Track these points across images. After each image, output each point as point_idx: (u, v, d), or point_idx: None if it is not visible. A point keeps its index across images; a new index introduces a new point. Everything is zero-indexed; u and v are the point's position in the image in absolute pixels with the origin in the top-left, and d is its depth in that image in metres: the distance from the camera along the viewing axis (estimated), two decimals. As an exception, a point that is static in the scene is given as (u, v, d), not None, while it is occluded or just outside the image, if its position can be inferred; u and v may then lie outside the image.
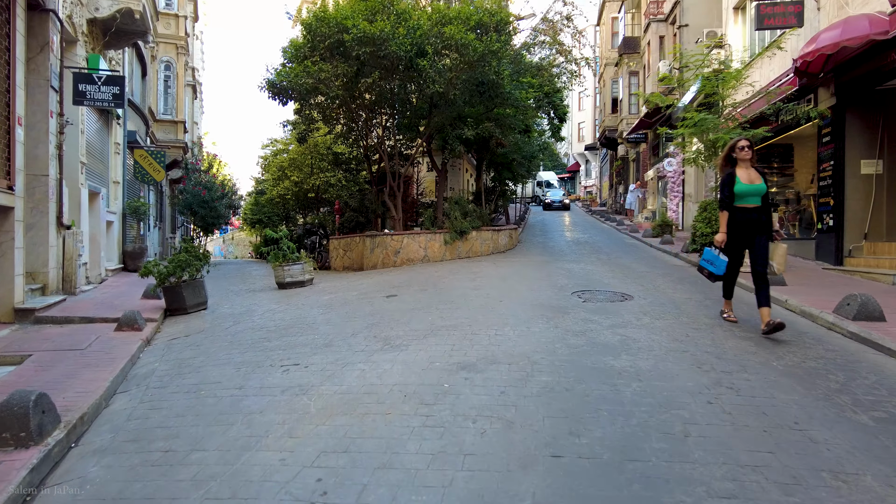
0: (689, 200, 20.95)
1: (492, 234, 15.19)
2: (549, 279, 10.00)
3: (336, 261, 18.16)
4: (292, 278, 11.01)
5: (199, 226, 25.71)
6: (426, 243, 14.32)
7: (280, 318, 7.90)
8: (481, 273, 11.06)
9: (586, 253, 14.80)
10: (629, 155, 29.82)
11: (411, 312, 7.52)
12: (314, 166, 23.03)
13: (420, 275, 11.50)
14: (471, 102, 13.76)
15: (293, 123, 19.10)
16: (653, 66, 23.48)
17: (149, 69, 20.97)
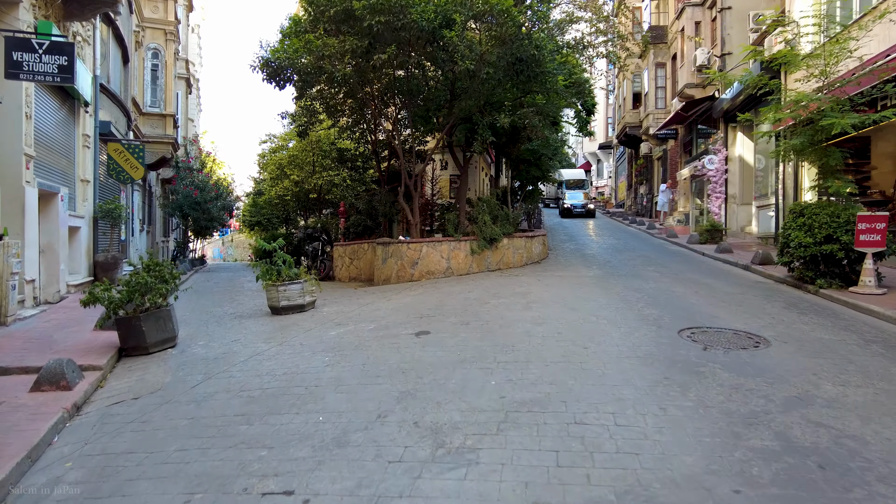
0: (734, 202, 18.50)
1: (525, 242, 12.75)
2: (628, 305, 7.54)
3: (341, 270, 15.70)
4: (289, 301, 8.56)
5: (191, 229, 23.25)
6: (449, 253, 11.87)
7: (269, 372, 5.43)
8: (531, 294, 8.59)
9: (639, 264, 12.33)
10: (654, 153, 27.38)
11: (460, 367, 5.05)
12: (316, 164, 20.56)
13: (450, 295, 9.04)
14: (503, 84, 11.31)
15: (293, 116, 16.63)
16: (687, 55, 21.05)
17: (133, 56, 18.49)
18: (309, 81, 12.77)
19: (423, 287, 10.40)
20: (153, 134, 20.19)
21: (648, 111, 25.80)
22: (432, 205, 16.31)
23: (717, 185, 18.83)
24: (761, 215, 16.42)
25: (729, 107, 17.82)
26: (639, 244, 17.36)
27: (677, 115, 20.62)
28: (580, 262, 12.87)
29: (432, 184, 16.79)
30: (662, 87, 25.47)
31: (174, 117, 20.71)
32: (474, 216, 12.21)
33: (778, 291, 8.70)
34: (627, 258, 13.58)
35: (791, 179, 14.17)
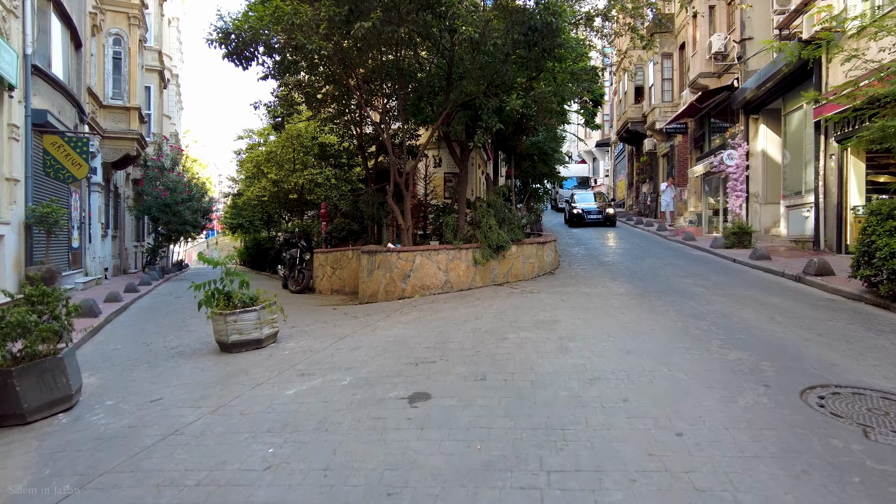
0: (756, 201, 16.54)
1: (536, 250, 10.66)
2: (699, 343, 5.44)
3: (322, 281, 13.54)
4: (240, 336, 6.41)
5: (162, 234, 20.97)
6: (447, 264, 9.76)
7: (177, 478, 3.29)
8: (560, 323, 6.47)
9: (672, 275, 10.29)
10: (658, 149, 25.40)
11: (485, 485, 2.95)
12: (297, 161, 18.36)
13: (453, 324, 6.92)
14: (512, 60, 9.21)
15: (269, 108, 14.44)
16: (700, 41, 19.07)
17: (88, 41, 16.21)
18: (283, 63, 10.61)
19: (418, 308, 8.26)
20: (116, 129, 17.90)
21: (654, 105, 23.82)
22: (425, 206, 14.19)
23: (737, 183, 16.85)
24: (792, 216, 14.45)
25: (752, 96, 15.84)
26: (656, 249, 15.33)
27: (691, 106, 18.62)
28: (602, 273, 10.80)
29: (425, 182, 14.67)
30: (669, 79, 23.50)
31: (140, 111, 18.39)
32: (477, 220, 10.10)
33: (872, 316, 6.66)
34: (653, 267, 11.53)
35: (834, 175, 12.20)
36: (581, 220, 22.65)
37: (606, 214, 22.51)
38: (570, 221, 23.19)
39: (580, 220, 22.67)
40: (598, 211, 22.59)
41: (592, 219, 22.58)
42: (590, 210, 22.65)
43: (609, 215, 22.51)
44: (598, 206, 22.94)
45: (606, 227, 22.50)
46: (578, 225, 22.68)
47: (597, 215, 22.54)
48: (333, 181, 18.19)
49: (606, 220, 22.52)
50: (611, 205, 24.04)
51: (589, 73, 12.77)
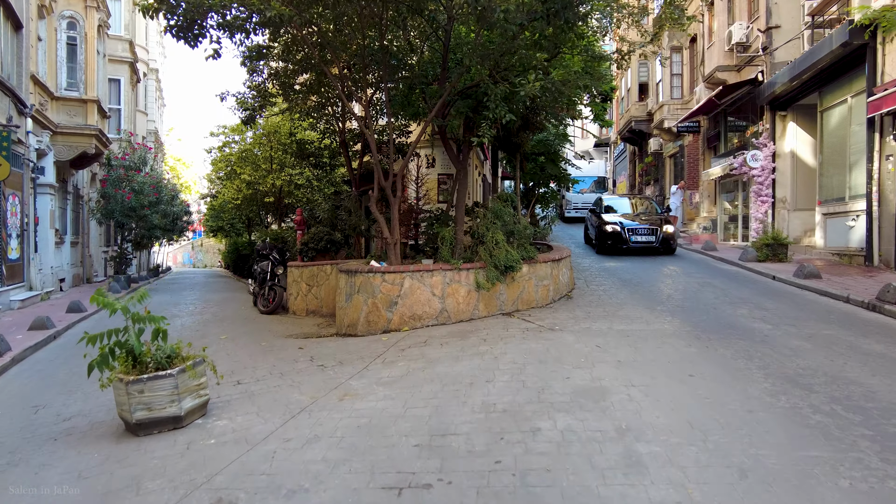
0: (784, 207, 14.63)
1: (551, 269, 8.63)
2: (840, 444, 3.45)
3: (297, 299, 11.46)
4: (149, 412, 4.34)
5: (129, 240, 18.77)
6: (444, 288, 7.72)
7: None
8: (613, 396, 4.40)
9: (716, 300, 8.31)
10: (665, 150, 23.48)
11: None
12: (273, 160, 16.25)
13: (453, 390, 4.87)
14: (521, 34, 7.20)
15: (239, 100, 12.34)
16: (717, 32, 17.15)
17: (33, 23, 14.02)
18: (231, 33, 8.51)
19: (406, 356, 6.18)
20: (70, 123, 15.70)
21: (662, 102, 21.87)
22: (417, 212, 12.15)
23: (762, 187, 14.93)
24: (832, 225, 12.53)
25: (783, 91, 13.91)
26: (678, 260, 13.36)
27: (709, 102, 16.68)
28: (630, 298, 8.79)
29: (417, 185, 12.62)
30: (679, 75, 21.58)
31: (98, 104, 16.19)
32: (479, 232, 8.06)
33: None
34: (687, 288, 9.56)
35: (893, 179, 10.28)
36: (620, 242, 14.16)
37: (662, 236, 13.98)
38: (600, 244, 14.58)
39: (619, 242, 14.16)
40: (649, 229, 14.12)
41: (640, 243, 14.08)
42: (635, 228, 14.21)
43: (667, 237, 13.99)
44: (647, 223, 14.41)
45: (661, 254, 14.12)
46: (615, 251, 14.35)
47: (646, 236, 14.06)
48: (316, 183, 16.11)
49: (662, 245, 13.99)
50: (666, 219, 15.06)
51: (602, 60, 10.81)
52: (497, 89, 6.99)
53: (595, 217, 15.68)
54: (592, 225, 15.78)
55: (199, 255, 47.13)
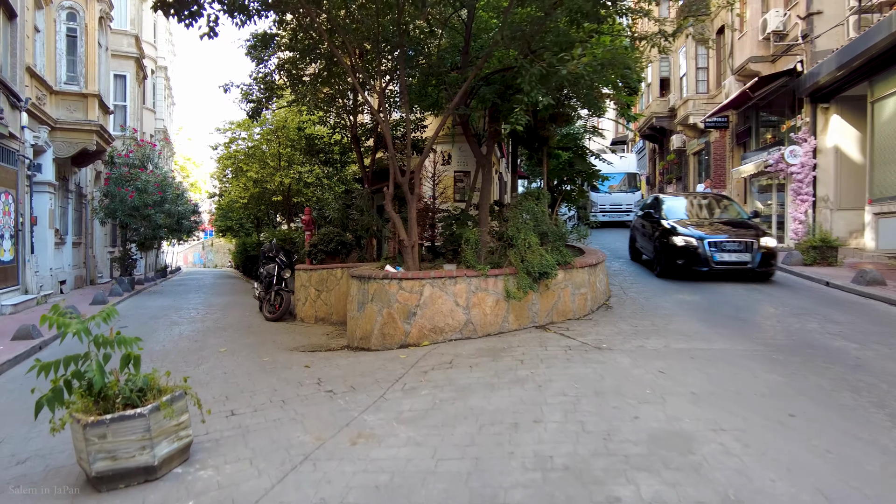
0: (826, 206, 13.49)
1: (588, 276, 7.61)
2: None
3: (305, 305, 10.53)
4: (114, 462, 3.41)
5: (133, 240, 17.95)
6: (469, 297, 6.74)
7: None
8: (695, 444, 3.43)
9: (782, 312, 7.25)
10: (688, 147, 22.33)
11: None
12: (282, 157, 15.34)
13: (493, 434, 3.89)
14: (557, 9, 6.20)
15: (244, 92, 11.43)
16: (750, 21, 16.02)
17: (29, 12, 13.20)
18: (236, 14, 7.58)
19: (430, 379, 5.20)
20: (70, 119, 14.89)
21: (686, 97, 20.74)
22: (433, 211, 11.17)
23: (802, 185, 13.80)
24: (885, 226, 11.39)
25: (827, 81, 12.78)
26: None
27: (742, 95, 15.54)
28: (676, 306, 7.76)
29: (433, 182, 11.65)
30: (704, 68, 20.45)
31: (100, 98, 15.36)
32: (508, 234, 7.07)
33: None
34: (734, 293, 8.51)
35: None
36: (697, 263, 9.68)
37: (764, 251, 9.62)
38: (666, 264, 10.12)
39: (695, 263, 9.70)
40: (741, 244, 9.66)
41: (729, 263, 9.64)
42: (721, 242, 9.69)
43: (766, 253, 9.63)
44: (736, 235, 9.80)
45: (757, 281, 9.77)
46: (688, 274, 9.94)
47: (738, 253, 9.63)
48: (325, 181, 15.18)
49: (761, 267, 9.64)
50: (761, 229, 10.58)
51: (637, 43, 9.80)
52: (533, 69, 5.98)
53: (652, 225, 11.08)
54: (647, 235, 11.43)
55: (209, 254, 46.44)
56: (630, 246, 13.25)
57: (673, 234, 10.11)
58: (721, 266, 9.60)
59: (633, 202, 20.72)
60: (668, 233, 10.27)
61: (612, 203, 21.21)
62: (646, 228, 11.72)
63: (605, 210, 20.78)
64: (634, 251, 12.89)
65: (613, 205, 21.17)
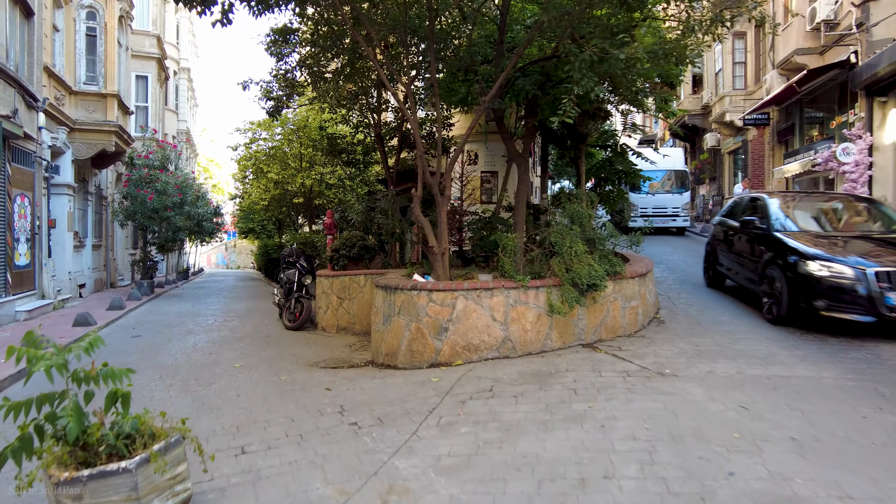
0: (883, 208, 12.41)
1: (638, 287, 6.82)
2: None
3: (326, 314, 9.89)
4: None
5: (153, 243, 17.58)
6: (507, 311, 6.01)
7: None
8: None
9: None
10: (723, 146, 21.27)
11: None
12: (303, 158, 14.77)
13: (552, 485, 3.19)
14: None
15: (262, 87, 10.86)
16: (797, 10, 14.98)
17: (47, 11, 12.82)
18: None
19: (469, 412, 4.46)
20: (89, 119, 14.51)
21: (723, 93, 19.69)
22: (461, 214, 10.47)
23: (856, 185, 12.76)
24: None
25: (888, 72, 11.74)
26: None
27: (787, 90, 14.53)
28: (743, 324, 6.91)
29: (461, 184, 10.95)
30: (741, 63, 19.39)
31: (119, 98, 14.97)
32: (551, 240, 6.31)
33: None
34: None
35: None
36: (851, 307, 5.90)
37: None
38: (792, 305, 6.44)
39: (846, 306, 5.93)
40: None
41: None
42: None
43: None
44: None
45: None
46: (828, 324, 6.29)
47: None
48: (348, 182, 14.57)
49: None
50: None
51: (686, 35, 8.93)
52: (583, 54, 5.22)
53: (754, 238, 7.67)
54: (742, 253, 8.09)
55: (232, 256, 46.38)
56: (707, 266, 9.77)
57: (803, 257, 6.33)
58: None
59: (681, 205, 18.18)
60: (791, 254, 6.51)
61: (655, 206, 17.85)
62: (740, 243, 8.23)
63: (647, 214, 17.51)
64: (715, 275, 9.37)
65: (657, 208, 17.85)
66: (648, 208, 17.72)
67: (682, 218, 18.00)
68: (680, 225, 18.19)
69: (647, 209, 17.67)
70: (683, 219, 18.08)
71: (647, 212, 17.57)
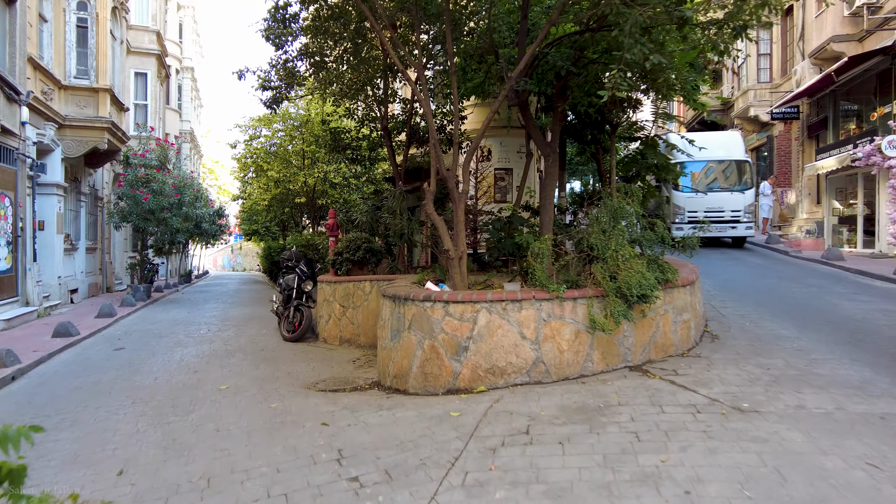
0: (935, 206, 11.31)
1: (689, 296, 5.79)
2: None
3: (328, 323, 8.90)
4: None
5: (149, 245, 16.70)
6: (539, 327, 5.00)
7: None
8: None
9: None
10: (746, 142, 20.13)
11: None
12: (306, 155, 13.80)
13: None
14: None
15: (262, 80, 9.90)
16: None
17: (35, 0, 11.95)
18: None
19: (504, 473, 3.40)
20: (80, 115, 13.60)
21: (747, 87, 18.59)
22: (475, 213, 9.44)
23: (903, 181, 11.66)
24: None
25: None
26: (805, 276, 10.29)
27: (824, 79, 13.44)
28: (808, 335, 5.86)
29: (475, 181, 9.94)
30: (766, 55, 18.28)
31: (112, 93, 14.07)
32: (591, 242, 5.29)
33: None
34: (865, 316, 6.56)
35: None
36: None
37: None
38: None
39: None
40: None
41: None
42: None
43: None
44: None
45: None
46: None
47: None
48: (353, 181, 13.58)
49: None
50: None
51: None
52: (634, 13, 4.21)
53: None
54: None
55: (238, 258, 45.54)
56: None
57: None
58: None
59: (743, 207, 14.01)
60: None
61: (708, 208, 13.85)
62: None
63: (695, 220, 13.51)
64: None
65: (711, 211, 13.79)
66: (699, 212, 13.81)
67: (744, 224, 14.08)
68: (742, 234, 14.27)
69: (697, 213, 13.80)
70: (746, 225, 14.14)
71: (696, 216, 13.70)
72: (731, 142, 15.15)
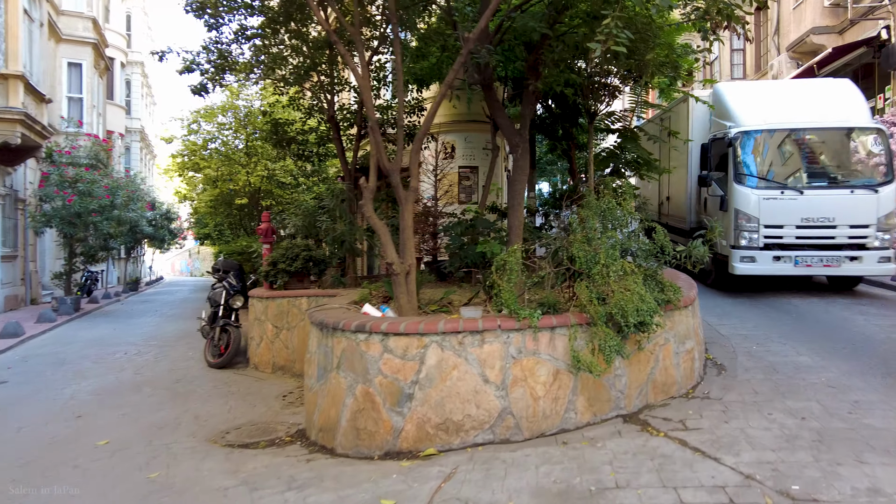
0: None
1: (691, 318, 4.63)
2: None
3: (260, 347, 7.47)
4: None
5: (78, 252, 14.89)
6: (506, 367, 3.74)
7: None
8: None
9: None
10: (718, 141, 19.43)
11: None
12: (251, 151, 12.28)
13: None
14: None
15: (186, 62, 8.40)
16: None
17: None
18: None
19: None
20: (-13, 106, 11.79)
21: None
22: (434, 216, 8.13)
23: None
24: None
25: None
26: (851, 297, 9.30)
27: (807, 72, 12.62)
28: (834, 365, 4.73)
29: (435, 179, 8.63)
30: (740, 50, 17.54)
31: (26, 80, 12.29)
32: (573, 253, 4.04)
33: None
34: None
35: None
36: None
37: None
38: None
39: None
40: None
41: None
42: None
43: None
44: None
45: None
46: None
47: None
48: (302, 180, 12.13)
49: None
50: None
51: None
52: None
53: None
54: None
55: (196, 263, 43.16)
56: None
57: None
58: None
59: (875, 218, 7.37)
60: None
61: (806, 217, 7.43)
62: None
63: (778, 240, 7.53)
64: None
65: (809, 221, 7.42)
66: (786, 226, 7.49)
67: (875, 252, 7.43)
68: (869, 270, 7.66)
69: (783, 228, 7.49)
70: (880, 253, 7.44)
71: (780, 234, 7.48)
72: (843, 96, 8.32)
